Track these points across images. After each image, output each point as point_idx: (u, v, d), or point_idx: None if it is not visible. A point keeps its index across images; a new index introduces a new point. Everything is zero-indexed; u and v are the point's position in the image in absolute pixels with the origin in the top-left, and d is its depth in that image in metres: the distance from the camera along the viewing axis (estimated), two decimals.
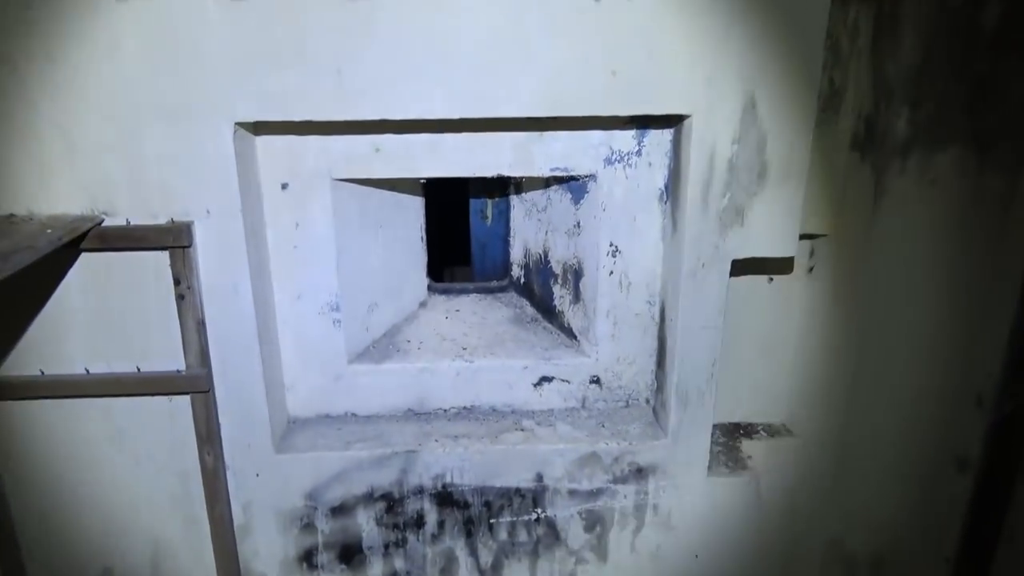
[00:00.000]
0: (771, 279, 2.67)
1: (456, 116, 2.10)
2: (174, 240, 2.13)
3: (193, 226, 2.14)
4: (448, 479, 2.46)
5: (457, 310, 2.89)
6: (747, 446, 2.76)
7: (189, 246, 2.15)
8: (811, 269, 2.63)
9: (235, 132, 2.07)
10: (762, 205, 2.25)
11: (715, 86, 2.10)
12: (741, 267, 2.34)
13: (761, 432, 2.82)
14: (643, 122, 2.32)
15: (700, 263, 2.30)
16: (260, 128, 2.23)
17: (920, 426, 2.35)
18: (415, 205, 2.73)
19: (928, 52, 2.09)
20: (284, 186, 2.34)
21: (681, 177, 2.27)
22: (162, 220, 2.13)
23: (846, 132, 2.37)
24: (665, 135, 2.35)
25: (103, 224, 2.12)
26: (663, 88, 2.10)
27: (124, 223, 2.13)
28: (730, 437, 2.79)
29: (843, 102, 2.35)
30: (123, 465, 2.43)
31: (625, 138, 2.36)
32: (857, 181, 2.31)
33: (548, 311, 2.73)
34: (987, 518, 2.35)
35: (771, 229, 2.28)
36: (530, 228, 2.81)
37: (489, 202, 2.91)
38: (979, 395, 2.26)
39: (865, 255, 2.29)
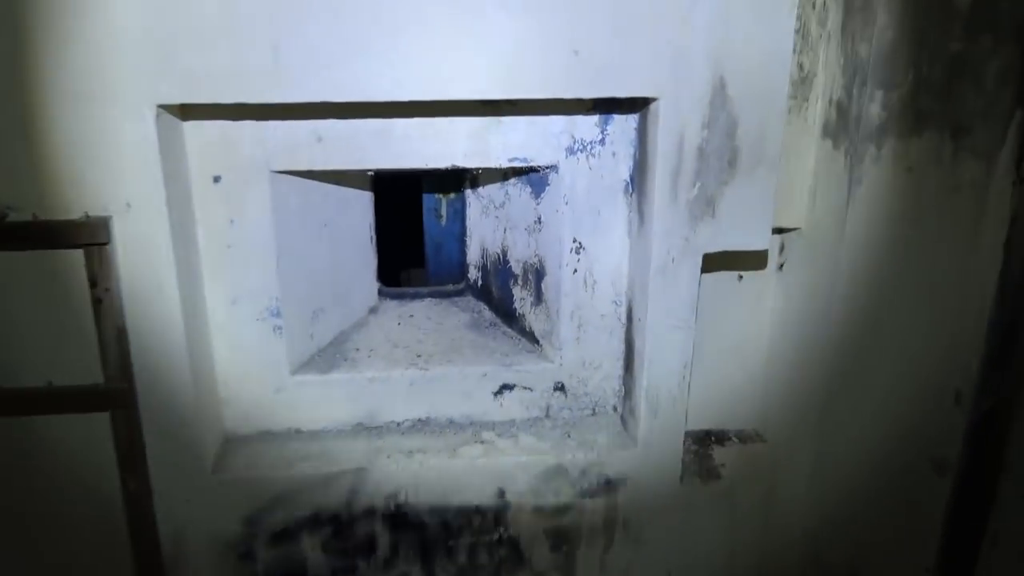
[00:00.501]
0: (741, 276, 2.55)
1: (406, 98, 1.92)
2: (89, 237, 1.90)
3: (111, 221, 1.92)
4: (402, 498, 2.29)
5: (410, 315, 2.71)
6: (719, 454, 2.62)
7: (107, 243, 1.92)
8: (782, 265, 2.52)
9: (157, 116, 1.86)
10: (734, 194, 2.12)
11: (682, 67, 1.97)
12: (710, 263, 2.23)
13: (733, 439, 2.70)
14: (607, 107, 2.18)
15: (670, 258, 2.16)
16: (187, 112, 2.02)
17: (897, 427, 2.25)
18: (363, 201, 2.54)
19: (901, 32, 1.99)
20: (216, 179, 2.13)
21: (648, 166, 2.14)
22: (75, 215, 1.90)
23: (817, 119, 2.27)
24: (630, 122, 2.22)
25: (7, 219, 1.88)
26: (628, 69, 1.96)
27: (31, 218, 1.89)
28: (701, 445, 2.64)
29: (813, 88, 2.25)
30: (33, 493, 2.17)
31: (588, 125, 2.22)
32: (830, 170, 2.21)
33: (508, 315, 2.59)
34: (968, 522, 2.24)
35: (743, 220, 2.15)
36: (488, 226, 2.64)
37: (443, 199, 2.74)
38: (957, 392, 2.17)
39: (838, 249, 2.18)
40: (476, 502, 2.32)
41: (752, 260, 2.46)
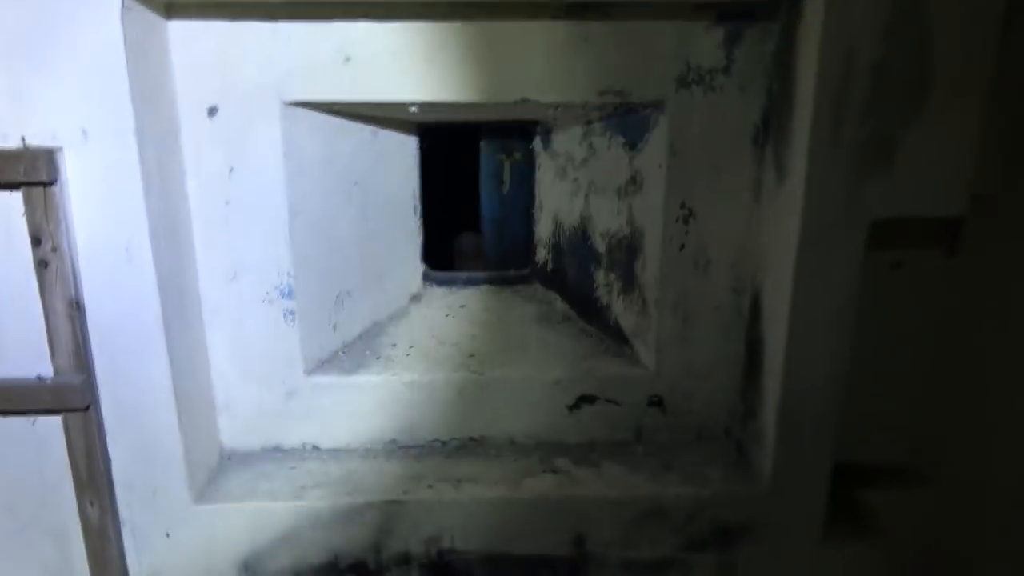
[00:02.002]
0: (898, 263, 1.92)
1: None
2: (27, 173, 1.42)
3: (59, 154, 1.44)
4: (446, 543, 1.83)
5: (462, 306, 2.19)
6: (868, 498, 2.00)
7: (53, 183, 1.43)
8: (956, 249, 1.88)
9: (125, 8, 1.39)
10: (920, 138, 1.57)
11: None
12: None
13: (882, 477, 2.05)
14: (737, 18, 1.62)
15: (824, 226, 1.57)
16: (173, 9, 1.52)
17: None
18: (407, 155, 2.04)
19: None
20: (212, 111, 1.63)
21: (795, 99, 1.58)
22: (10, 142, 1.42)
23: None
24: (766, 41, 1.67)
25: None
26: None
27: None
28: (842, 485, 1.99)
29: None
30: None
31: (708, 47, 1.67)
32: None
33: (587, 306, 2.14)
34: None
35: (931, 175, 1.60)
36: (563, 192, 2.10)
37: (506, 161, 2.18)
38: None
39: None
40: (545, 551, 1.85)
41: (921, 236, 1.84)
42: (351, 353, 1.97)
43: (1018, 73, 1.63)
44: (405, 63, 1.64)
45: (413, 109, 1.73)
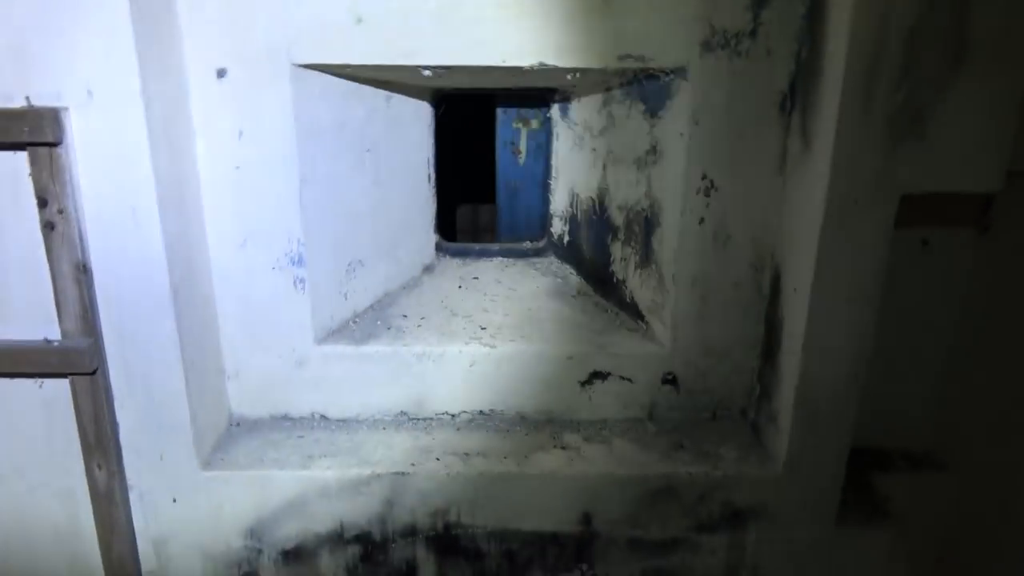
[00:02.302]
0: (926, 241, 1.84)
1: None
2: (32, 134, 1.40)
3: (65, 114, 1.40)
4: (453, 516, 1.80)
5: (475, 277, 2.14)
6: (883, 483, 1.93)
7: (58, 145, 1.40)
8: (987, 228, 1.80)
9: None
10: (956, 107, 1.48)
11: None
12: None
13: (900, 463, 1.99)
14: None
15: (851, 199, 1.51)
16: None
17: None
18: (420, 122, 1.98)
19: None
20: (221, 73, 1.59)
21: (825, 64, 1.49)
22: (16, 102, 1.39)
23: None
24: (795, 2, 1.57)
25: None
26: None
27: None
28: (857, 470, 1.94)
29: None
30: None
31: (735, 9, 1.59)
32: None
33: (602, 280, 2.08)
34: None
35: (967, 147, 1.50)
36: (581, 162, 2.03)
37: (523, 129, 2.11)
38: None
39: None
40: (552, 528, 1.81)
41: (951, 212, 1.76)
42: (362, 323, 1.93)
43: None
44: (418, 25, 1.57)
45: (427, 73, 1.67)
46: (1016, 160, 1.57)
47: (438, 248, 2.19)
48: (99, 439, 1.62)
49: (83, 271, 1.49)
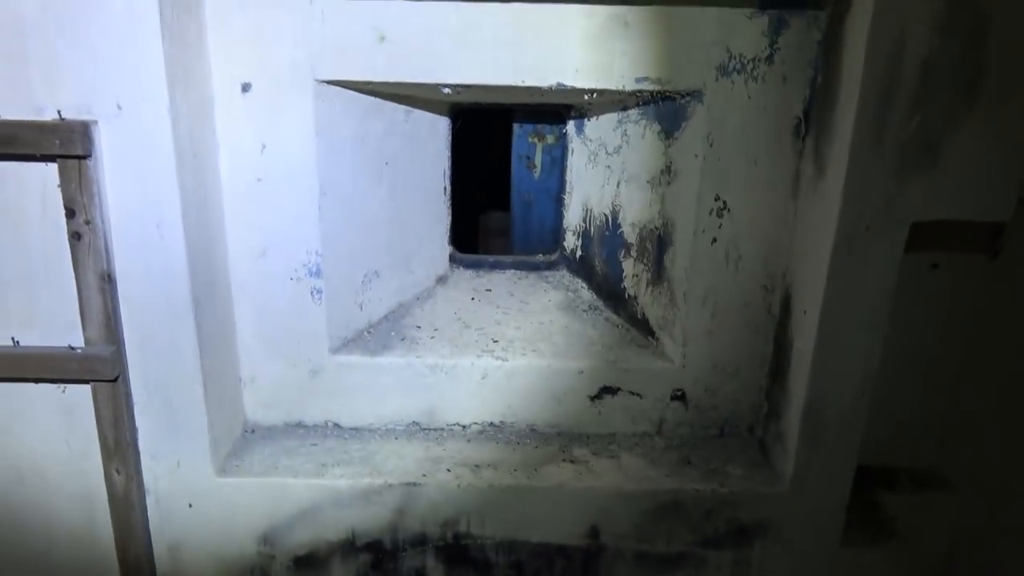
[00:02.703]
0: (936, 264, 1.86)
1: None
2: (63, 147, 1.42)
3: (94, 128, 1.43)
4: (463, 526, 1.82)
5: (488, 289, 2.16)
6: (889, 501, 1.95)
7: (87, 157, 1.43)
8: (997, 254, 1.82)
9: None
10: (968, 137, 1.50)
11: None
12: None
13: (905, 481, 2.01)
14: (781, 3, 1.56)
15: (862, 225, 1.52)
16: None
17: None
18: (438, 136, 2.00)
19: None
20: (246, 87, 1.62)
21: (840, 91, 1.51)
22: (46, 116, 1.43)
23: None
24: (811, 30, 1.59)
25: None
26: None
27: None
28: (862, 487, 1.96)
29: None
30: None
31: (752, 34, 1.60)
32: None
33: (614, 296, 2.09)
34: None
35: (978, 176, 1.52)
36: (595, 179, 2.05)
37: (538, 144, 2.14)
38: None
39: None
40: (560, 541, 1.83)
41: (962, 238, 1.78)
42: (376, 333, 1.96)
43: None
44: (440, 44, 1.60)
45: (447, 90, 1.70)
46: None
47: (452, 259, 2.21)
48: (118, 444, 1.65)
49: (107, 280, 1.52)
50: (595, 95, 1.70)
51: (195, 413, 1.68)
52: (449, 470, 1.79)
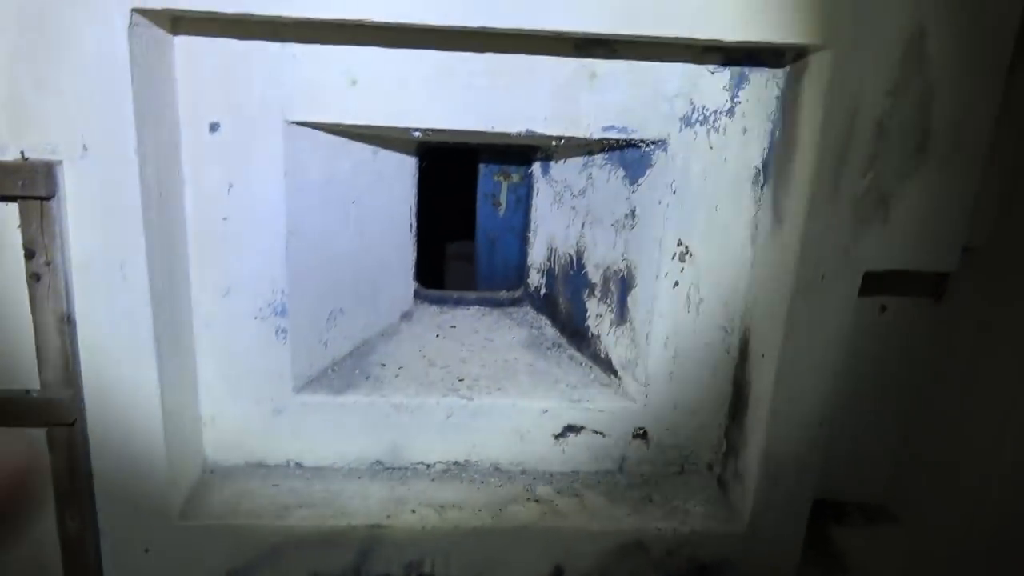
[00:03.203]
0: (884, 307, 1.95)
1: (476, 24, 1.37)
2: (25, 187, 1.39)
3: (59, 168, 1.40)
4: (427, 567, 1.81)
5: (452, 326, 2.16)
6: (841, 536, 2.01)
7: (50, 198, 1.40)
8: (941, 296, 1.91)
9: (132, 24, 1.34)
10: (918, 192, 1.57)
11: (866, 5, 1.40)
12: None
13: (855, 515, 2.07)
14: (744, 60, 1.62)
15: (819, 274, 1.58)
16: (180, 24, 1.49)
17: None
18: (404, 175, 2.01)
19: None
20: (214, 126, 1.60)
21: (797, 145, 1.57)
22: (9, 155, 1.39)
23: None
24: (771, 85, 1.65)
25: None
26: (788, 4, 1.39)
27: None
28: (815, 522, 2.01)
29: None
30: None
31: (714, 88, 1.65)
32: None
33: (577, 334, 2.10)
34: None
35: (927, 229, 1.59)
36: (560, 219, 2.08)
37: (504, 183, 2.17)
38: None
39: None
40: None
41: (910, 283, 1.87)
42: (340, 372, 1.94)
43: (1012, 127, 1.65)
44: (413, 89, 1.61)
45: (416, 134, 1.72)
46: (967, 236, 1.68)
47: (416, 295, 2.22)
48: (73, 490, 1.60)
49: (67, 322, 1.48)
50: (563, 140, 1.74)
51: (154, 456, 1.63)
52: (414, 511, 1.78)
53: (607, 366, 2.01)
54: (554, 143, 1.77)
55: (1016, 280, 1.70)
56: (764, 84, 1.66)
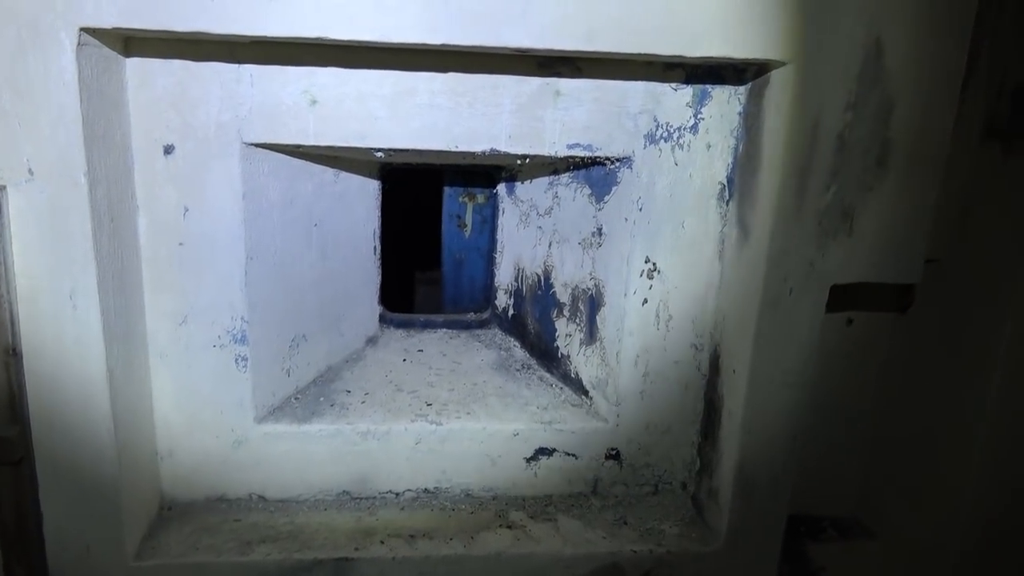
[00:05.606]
0: (850, 320, 1.96)
1: (437, 41, 1.35)
2: None
3: (2, 194, 1.34)
4: None
5: (420, 350, 2.12)
6: (816, 551, 2.00)
7: None
8: (906, 307, 1.92)
9: (80, 45, 1.30)
10: (880, 205, 1.57)
11: (825, 22, 1.43)
12: None
13: (830, 530, 2.06)
14: (706, 78, 1.63)
15: (786, 288, 1.58)
16: (132, 45, 1.45)
17: None
18: (367, 197, 1.97)
19: None
20: (168, 149, 1.56)
21: (761, 161, 1.58)
22: None
23: (978, 116, 1.70)
24: (734, 101, 1.65)
25: None
26: (748, 21, 1.40)
27: None
28: (789, 537, 2.00)
29: (975, 73, 1.67)
30: None
31: (677, 105, 1.66)
32: (993, 184, 1.65)
33: (547, 355, 2.05)
34: None
35: (890, 242, 1.60)
36: (526, 239, 2.06)
37: (468, 204, 2.14)
38: None
39: (992, 290, 1.67)
40: None
41: (875, 296, 1.89)
42: (304, 400, 1.88)
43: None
44: (374, 109, 1.58)
45: (379, 154, 1.69)
46: (929, 249, 1.70)
47: (382, 319, 2.17)
48: (20, 533, 1.51)
49: (12, 355, 1.41)
50: (527, 159, 1.72)
51: (107, 493, 1.55)
52: (383, 542, 1.72)
53: (578, 386, 1.99)
54: (519, 162, 1.75)
55: (975, 291, 1.72)
56: (727, 100, 1.66)
